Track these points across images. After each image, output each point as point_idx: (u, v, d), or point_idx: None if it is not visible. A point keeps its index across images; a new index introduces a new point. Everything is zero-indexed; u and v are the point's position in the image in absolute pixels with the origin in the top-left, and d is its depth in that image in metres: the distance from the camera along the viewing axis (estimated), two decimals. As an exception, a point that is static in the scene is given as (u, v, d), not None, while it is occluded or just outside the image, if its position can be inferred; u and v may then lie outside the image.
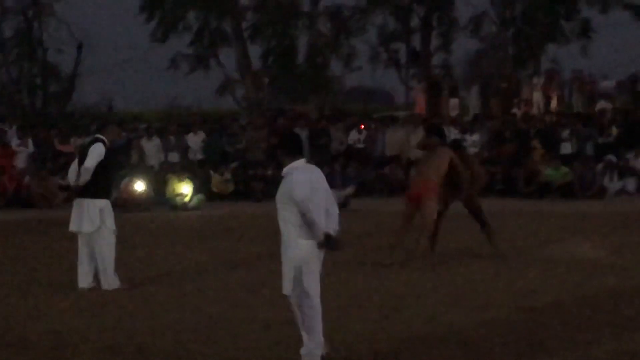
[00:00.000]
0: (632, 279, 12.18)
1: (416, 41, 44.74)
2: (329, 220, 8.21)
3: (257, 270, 13.35)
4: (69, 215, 12.51)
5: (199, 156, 27.53)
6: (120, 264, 13.05)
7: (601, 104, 31.86)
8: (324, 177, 8.33)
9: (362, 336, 9.26)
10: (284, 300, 10.98)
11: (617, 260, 13.73)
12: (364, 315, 10.23)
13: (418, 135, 26.97)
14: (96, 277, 12.28)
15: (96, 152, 12.18)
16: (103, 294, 11.76)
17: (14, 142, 26.96)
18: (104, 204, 12.27)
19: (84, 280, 12.23)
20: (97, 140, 12.40)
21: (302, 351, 8.24)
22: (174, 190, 23.43)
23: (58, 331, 9.70)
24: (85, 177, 12.11)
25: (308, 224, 8.02)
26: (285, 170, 8.32)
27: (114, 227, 12.30)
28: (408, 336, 9.23)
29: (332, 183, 25.91)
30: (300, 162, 8.25)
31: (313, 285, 8.20)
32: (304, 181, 8.09)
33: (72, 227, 12.36)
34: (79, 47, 43.88)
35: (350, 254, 14.76)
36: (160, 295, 11.60)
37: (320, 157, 27.04)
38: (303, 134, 27.83)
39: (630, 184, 24.87)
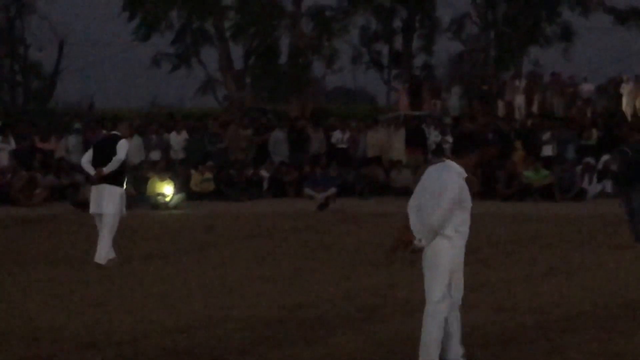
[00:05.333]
0: (610, 281, 12.24)
1: (398, 42, 44.89)
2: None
3: (237, 270, 13.36)
4: (47, 212, 13.05)
5: (181, 155, 27.50)
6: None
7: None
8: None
9: (342, 332, 9.27)
10: (262, 300, 11.06)
11: (596, 262, 13.80)
12: (344, 312, 10.26)
13: (399, 136, 27.15)
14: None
15: (124, 147, 13.96)
16: (83, 293, 11.74)
17: (-4, 139, 26.87)
18: (122, 191, 14.06)
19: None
20: (118, 137, 14.10)
21: None
22: (155, 189, 23.39)
23: (38, 327, 9.67)
24: (115, 166, 13.80)
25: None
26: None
27: (124, 212, 14.19)
28: (387, 336, 9.25)
29: (313, 184, 26.20)
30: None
31: None
32: None
33: (92, 209, 14.00)
34: (61, 45, 43.85)
35: (332, 253, 14.85)
36: (139, 294, 11.58)
37: (300, 158, 27.10)
38: (282, 134, 27.86)
39: (609, 186, 24.99)
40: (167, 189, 23.36)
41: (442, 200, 7.79)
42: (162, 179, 23.49)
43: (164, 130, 28.32)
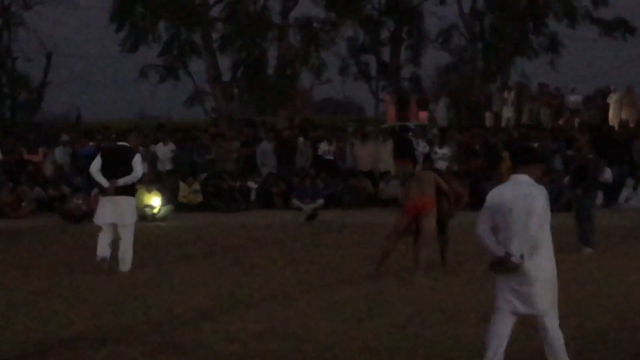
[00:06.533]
0: (597, 292, 12.26)
1: (386, 54, 45.02)
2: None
3: (225, 282, 13.34)
4: (35, 224, 12.83)
5: (168, 167, 27.44)
6: (88, 274, 13.55)
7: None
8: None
9: (330, 345, 9.27)
10: (250, 312, 11.04)
11: (583, 273, 13.82)
12: (332, 325, 10.24)
13: (387, 147, 27.14)
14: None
15: (140, 162, 14.59)
16: (70, 302, 11.72)
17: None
18: (135, 201, 14.96)
19: (105, 251, 14.29)
20: (131, 149, 14.65)
21: None
22: (142, 201, 23.32)
23: (24, 340, 9.66)
24: (133, 181, 14.45)
25: None
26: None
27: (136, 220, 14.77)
28: (375, 346, 9.25)
29: (301, 195, 26.15)
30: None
31: None
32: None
33: (109, 219, 14.31)
34: (48, 56, 43.79)
35: (320, 265, 14.84)
36: (126, 307, 11.55)
37: (288, 169, 27.08)
38: (270, 146, 27.85)
39: (601, 196, 24.95)
40: (154, 201, 23.32)
41: (536, 209, 8.03)
42: (150, 191, 23.44)
43: (151, 141, 28.25)
